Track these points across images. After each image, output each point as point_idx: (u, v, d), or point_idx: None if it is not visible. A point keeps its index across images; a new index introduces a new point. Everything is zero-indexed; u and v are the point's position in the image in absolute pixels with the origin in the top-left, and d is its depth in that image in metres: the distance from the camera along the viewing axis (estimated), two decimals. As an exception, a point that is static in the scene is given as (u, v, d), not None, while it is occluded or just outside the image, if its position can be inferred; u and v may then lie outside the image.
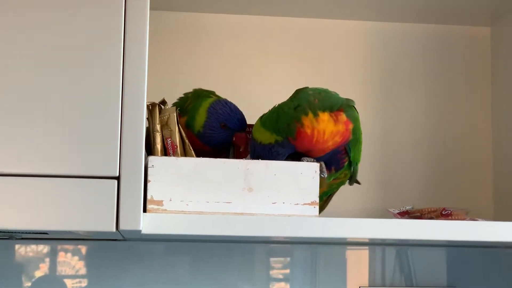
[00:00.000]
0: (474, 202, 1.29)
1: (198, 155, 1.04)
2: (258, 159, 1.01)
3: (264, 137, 1.02)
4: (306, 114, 1.00)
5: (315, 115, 1.00)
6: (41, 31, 0.88)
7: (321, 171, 1.01)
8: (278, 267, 1.27)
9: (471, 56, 1.35)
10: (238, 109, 1.08)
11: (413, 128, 1.32)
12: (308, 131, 0.99)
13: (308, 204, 0.96)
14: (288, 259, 1.27)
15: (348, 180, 1.12)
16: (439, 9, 1.27)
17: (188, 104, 1.10)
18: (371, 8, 1.27)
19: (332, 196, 1.14)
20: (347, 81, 1.31)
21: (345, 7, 1.27)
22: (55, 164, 0.86)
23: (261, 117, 1.05)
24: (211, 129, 1.07)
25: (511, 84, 1.27)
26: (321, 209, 1.14)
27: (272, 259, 1.27)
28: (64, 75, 0.88)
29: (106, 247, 1.22)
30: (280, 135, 1.01)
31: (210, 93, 1.12)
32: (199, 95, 1.12)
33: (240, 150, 1.10)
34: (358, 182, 1.17)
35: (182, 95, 1.13)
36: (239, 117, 1.08)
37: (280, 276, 1.26)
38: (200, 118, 1.07)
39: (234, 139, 1.09)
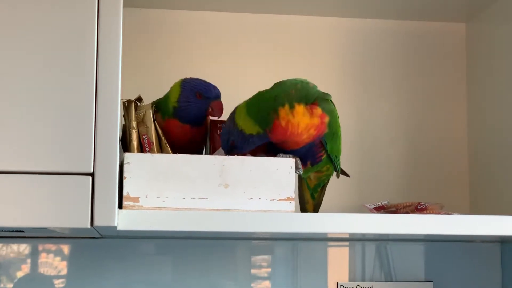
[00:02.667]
0: (450, 196, 1.30)
1: (178, 140, 1.05)
2: (230, 143, 1.02)
3: (248, 126, 1.01)
4: (283, 105, 1.00)
5: (291, 106, 1.00)
6: (14, 29, 0.88)
7: (296, 167, 1.01)
8: (259, 263, 1.27)
9: (446, 52, 1.35)
10: (207, 82, 1.09)
11: (388, 124, 1.33)
12: (283, 123, 0.99)
13: (284, 199, 0.97)
14: (270, 255, 1.27)
15: (335, 173, 1.12)
16: (414, 6, 1.28)
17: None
18: (346, 5, 1.28)
19: (325, 187, 1.14)
20: (323, 78, 1.31)
21: (320, 4, 1.27)
22: (28, 160, 0.86)
23: (246, 103, 1.04)
24: (187, 101, 1.07)
25: (486, 80, 1.29)
26: (319, 200, 1.15)
27: (253, 255, 1.27)
28: (38, 72, 0.88)
29: (86, 246, 1.22)
30: (261, 127, 1.01)
31: None
32: None
33: (218, 118, 1.09)
34: (346, 174, 1.17)
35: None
36: (213, 86, 1.08)
37: (262, 272, 1.27)
38: (174, 93, 1.07)
39: (211, 108, 1.07)
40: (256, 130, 1.01)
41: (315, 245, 1.27)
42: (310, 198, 1.13)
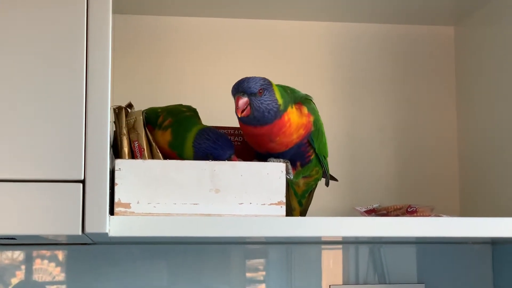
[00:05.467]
0: (440, 199, 1.31)
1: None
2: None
3: (279, 95, 1.01)
4: (291, 105, 1.02)
5: (291, 107, 1.02)
6: (3, 37, 0.89)
7: (287, 172, 1.02)
8: (253, 267, 1.27)
9: (435, 56, 1.36)
10: (221, 137, 1.04)
11: (378, 128, 1.33)
12: (286, 118, 1.01)
13: (275, 204, 0.97)
14: (263, 259, 1.28)
15: (324, 178, 1.13)
16: (403, 10, 1.29)
17: (162, 121, 1.07)
18: (336, 9, 1.28)
19: (313, 192, 1.15)
20: (314, 82, 1.32)
21: (310, 9, 1.28)
22: (19, 168, 0.87)
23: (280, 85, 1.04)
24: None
25: (475, 82, 1.29)
26: (306, 206, 1.15)
27: (247, 259, 1.27)
28: (27, 79, 0.88)
29: (79, 252, 1.22)
30: (284, 105, 1.01)
31: (181, 108, 1.11)
32: (172, 111, 1.09)
33: None
34: (334, 179, 1.18)
35: (149, 108, 1.10)
36: (223, 146, 1.03)
37: (255, 276, 1.27)
38: (188, 151, 1.05)
39: None
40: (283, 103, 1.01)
41: (308, 249, 1.28)
42: (297, 205, 1.13)
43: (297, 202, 1.13)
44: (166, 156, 1.05)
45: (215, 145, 1.03)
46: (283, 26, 1.33)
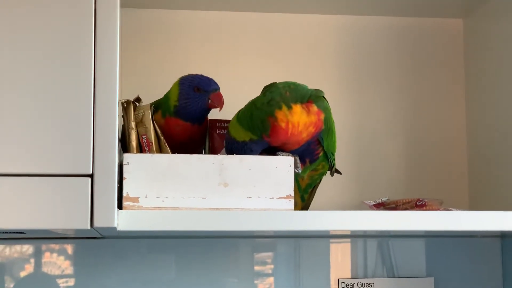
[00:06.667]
0: (449, 192, 1.31)
1: (177, 138, 1.06)
2: (229, 151, 1.03)
3: (239, 134, 1.02)
4: (280, 108, 1.00)
5: (289, 107, 1.01)
6: (11, 30, 0.89)
7: (295, 166, 1.02)
8: (262, 261, 1.27)
9: (444, 48, 1.35)
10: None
11: (387, 121, 1.33)
12: (283, 124, 1.00)
13: (284, 197, 0.97)
14: (272, 252, 1.28)
15: (329, 171, 1.13)
16: (411, 2, 1.28)
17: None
18: (343, 2, 1.28)
19: (316, 187, 1.15)
20: (321, 76, 1.31)
21: (317, 2, 1.28)
22: (28, 163, 0.87)
23: (238, 113, 1.05)
24: (186, 98, 1.08)
25: (484, 76, 1.29)
26: (308, 200, 1.15)
27: (255, 253, 1.27)
28: (35, 74, 0.88)
29: (88, 246, 1.22)
30: (255, 134, 1.01)
31: None
32: None
33: (220, 109, 1.10)
34: (338, 172, 1.18)
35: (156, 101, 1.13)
36: (210, 79, 1.09)
37: (264, 269, 1.27)
38: (174, 92, 1.08)
39: (210, 100, 1.08)
40: (249, 137, 1.02)
41: (316, 242, 1.28)
42: (299, 200, 1.13)
43: (300, 197, 1.13)
44: (167, 134, 1.06)
45: (202, 76, 1.08)
46: (291, 19, 1.33)
